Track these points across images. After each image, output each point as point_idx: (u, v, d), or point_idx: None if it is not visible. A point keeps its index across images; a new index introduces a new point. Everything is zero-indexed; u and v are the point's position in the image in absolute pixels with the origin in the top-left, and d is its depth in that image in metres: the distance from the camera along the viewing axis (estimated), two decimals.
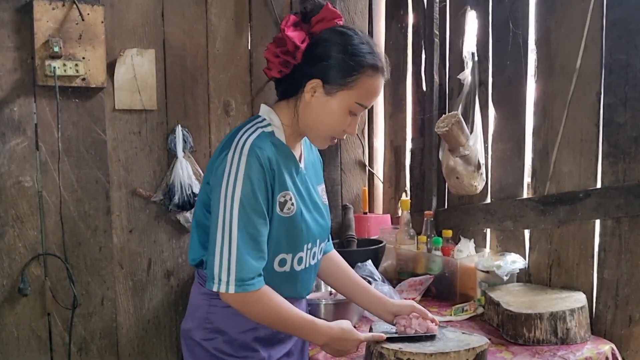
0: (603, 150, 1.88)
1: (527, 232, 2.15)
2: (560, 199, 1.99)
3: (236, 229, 1.26)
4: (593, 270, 1.93)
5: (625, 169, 1.82)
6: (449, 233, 2.26)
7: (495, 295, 1.92)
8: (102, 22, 2.14)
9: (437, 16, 2.45)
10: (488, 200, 2.29)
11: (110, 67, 2.21)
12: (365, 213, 2.76)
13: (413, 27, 2.63)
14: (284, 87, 1.40)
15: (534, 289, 2.01)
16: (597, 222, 1.91)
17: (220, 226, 1.27)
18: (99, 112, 2.22)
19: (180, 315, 2.45)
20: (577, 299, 1.85)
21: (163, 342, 2.44)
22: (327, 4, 1.35)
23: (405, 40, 2.68)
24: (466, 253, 2.19)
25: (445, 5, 2.43)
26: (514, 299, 1.88)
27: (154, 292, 2.40)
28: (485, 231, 2.32)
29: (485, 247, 2.31)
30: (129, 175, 2.31)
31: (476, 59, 2.27)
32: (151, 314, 2.40)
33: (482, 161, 2.20)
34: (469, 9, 2.30)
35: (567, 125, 1.97)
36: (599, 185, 1.90)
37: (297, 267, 1.41)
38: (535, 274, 2.10)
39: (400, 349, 1.42)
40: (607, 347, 1.77)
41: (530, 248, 2.12)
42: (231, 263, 1.26)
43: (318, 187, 1.51)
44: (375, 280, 2.08)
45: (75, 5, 2.07)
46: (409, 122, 2.69)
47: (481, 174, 2.20)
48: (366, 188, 2.83)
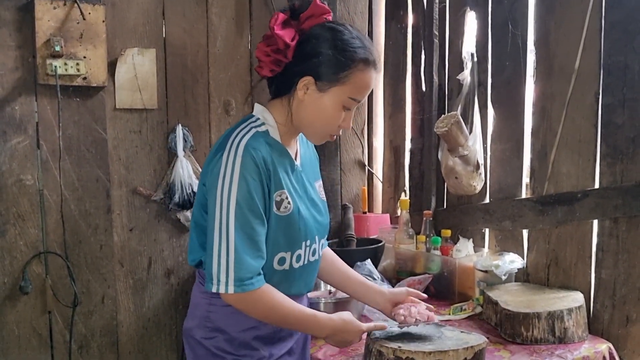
0: (601, 150, 1.89)
1: (525, 232, 2.16)
2: (559, 199, 2.00)
3: (233, 230, 1.27)
4: (591, 270, 1.94)
5: (623, 170, 1.83)
6: (447, 233, 2.28)
7: (493, 294, 1.93)
8: (103, 22, 2.15)
9: (437, 17, 2.46)
10: (487, 200, 2.30)
11: (111, 66, 2.22)
12: (365, 213, 2.76)
13: (413, 28, 2.64)
14: (276, 85, 1.40)
15: (532, 289, 2.02)
16: (595, 223, 1.92)
17: (218, 227, 1.28)
18: (99, 111, 2.23)
19: (180, 313, 2.46)
20: (575, 299, 1.86)
21: (163, 340, 2.45)
22: (315, 0, 1.34)
23: (405, 40, 2.69)
24: (465, 253, 2.20)
25: (445, 5, 2.44)
26: (512, 299, 1.89)
27: (154, 290, 2.41)
28: (484, 231, 2.34)
29: (483, 247, 2.33)
30: (129, 174, 2.32)
31: (475, 59, 2.28)
32: (151, 312, 2.41)
33: (481, 161, 2.21)
34: (469, 9, 2.31)
35: (565, 125, 1.98)
36: (596, 186, 1.91)
37: (295, 265, 1.41)
38: (534, 273, 2.11)
39: (399, 347, 1.43)
40: (604, 346, 1.78)
41: (529, 248, 2.14)
42: (229, 263, 1.27)
43: (315, 184, 1.52)
44: (374, 279, 2.09)
45: (76, 5, 2.07)
46: (408, 122, 2.70)
47: (480, 174, 2.21)
48: (365, 188, 2.83)
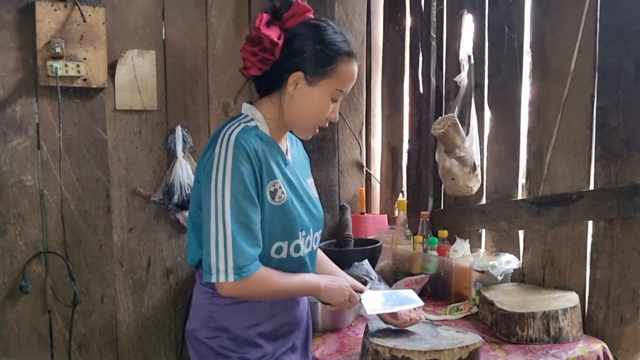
0: (596, 152, 1.91)
1: (521, 233, 2.17)
2: (554, 200, 2.01)
3: (229, 219, 1.30)
4: (586, 271, 1.96)
5: (617, 171, 1.85)
6: (444, 233, 2.29)
7: (489, 294, 1.95)
8: (104, 24, 2.16)
9: (434, 19, 2.48)
10: (483, 201, 2.32)
11: (111, 68, 2.23)
12: (363, 213, 2.78)
13: (410, 30, 2.65)
14: (266, 83, 1.45)
15: (527, 289, 2.04)
16: (590, 224, 1.94)
17: (214, 218, 1.31)
18: (99, 112, 2.24)
19: (179, 313, 2.48)
20: (570, 299, 1.88)
21: (162, 340, 2.46)
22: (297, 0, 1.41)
23: (402, 42, 2.71)
24: (461, 253, 2.22)
25: (442, 8, 2.46)
26: (508, 299, 1.90)
27: (154, 290, 2.42)
28: (480, 232, 2.35)
29: (480, 248, 2.34)
30: (129, 174, 2.33)
31: (472, 61, 2.29)
32: (150, 312, 2.42)
33: (478, 163, 2.22)
34: (466, 12, 2.32)
35: (561, 127, 2.00)
36: (591, 187, 1.93)
37: (294, 255, 1.45)
38: (529, 274, 2.13)
39: (395, 346, 1.45)
40: (598, 346, 1.79)
41: (525, 248, 2.15)
42: (227, 252, 1.29)
43: (307, 180, 1.56)
44: (371, 279, 2.11)
45: (76, 7, 2.09)
46: (406, 124, 2.72)
47: (477, 175, 2.22)
48: (363, 188, 2.85)
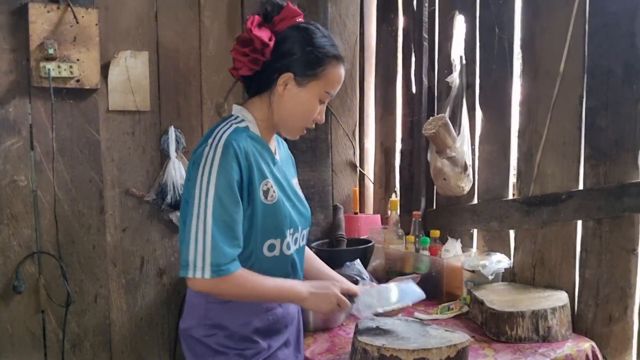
0: (585, 152, 1.92)
1: (512, 233, 2.19)
2: (544, 200, 2.03)
3: (211, 217, 1.31)
4: (575, 270, 1.97)
5: (606, 172, 1.86)
6: (436, 233, 2.30)
7: (479, 294, 1.96)
8: (97, 25, 2.17)
9: (427, 20, 2.49)
10: (475, 201, 2.33)
11: (104, 69, 2.24)
12: (356, 213, 2.79)
13: (403, 31, 2.66)
14: (256, 83, 1.47)
15: (518, 288, 2.05)
16: (579, 223, 1.95)
17: (196, 214, 1.32)
18: (93, 113, 2.25)
19: (172, 312, 2.49)
20: (559, 298, 1.89)
21: (155, 339, 2.47)
22: (288, 3, 1.44)
23: (395, 43, 2.72)
24: (453, 253, 2.23)
25: (435, 9, 2.47)
26: (498, 298, 1.92)
27: (147, 290, 2.43)
28: (472, 231, 2.36)
29: (471, 247, 2.35)
30: (122, 175, 2.34)
31: (464, 62, 2.31)
32: (144, 312, 2.43)
33: (469, 163, 2.23)
34: (457, 13, 2.34)
35: (550, 128, 2.01)
36: (580, 187, 1.94)
37: (287, 252, 1.47)
38: (520, 273, 2.14)
39: (383, 345, 1.46)
40: (587, 344, 1.81)
41: (515, 248, 2.17)
42: (206, 249, 1.30)
43: (293, 180, 1.58)
44: (363, 279, 2.11)
45: (69, 8, 2.10)
46: (399, 124, 2.73)
47: (468, 175, 2.24)
48: (357, 188, 2.86)
